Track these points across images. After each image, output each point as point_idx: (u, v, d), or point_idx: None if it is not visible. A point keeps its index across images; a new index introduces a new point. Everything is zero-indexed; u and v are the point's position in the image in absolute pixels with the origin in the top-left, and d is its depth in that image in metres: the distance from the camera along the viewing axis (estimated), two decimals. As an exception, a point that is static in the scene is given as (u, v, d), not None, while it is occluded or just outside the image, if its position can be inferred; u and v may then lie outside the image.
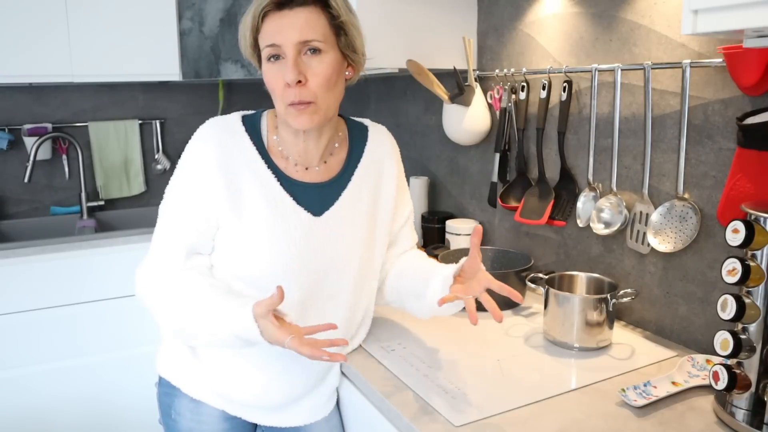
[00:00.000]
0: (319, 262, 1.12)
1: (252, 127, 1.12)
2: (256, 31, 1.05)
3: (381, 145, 1.23)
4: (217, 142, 1.07)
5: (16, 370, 2.06)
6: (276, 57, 1.03)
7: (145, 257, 1.14)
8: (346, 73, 1.11)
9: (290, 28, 1.01)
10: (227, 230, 1.09)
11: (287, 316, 0.99)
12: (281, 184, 1.10)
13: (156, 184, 2.81)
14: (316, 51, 1.03)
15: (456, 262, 1.13)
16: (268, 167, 1.10)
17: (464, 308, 1.07)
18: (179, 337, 1.11)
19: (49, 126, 2.53)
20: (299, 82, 1.02)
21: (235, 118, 1.12)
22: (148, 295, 1.10)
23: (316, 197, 1.13)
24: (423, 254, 1.33)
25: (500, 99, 1.72)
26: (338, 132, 1.19)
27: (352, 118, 1.25)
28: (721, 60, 1.15)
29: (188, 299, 1.05)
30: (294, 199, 1.11)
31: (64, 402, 2.13)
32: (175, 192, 1.11)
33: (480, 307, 1.11)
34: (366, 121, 1.25)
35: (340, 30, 1.06)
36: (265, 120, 1.14)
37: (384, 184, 1.22)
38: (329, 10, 1.04)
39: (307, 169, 1.14)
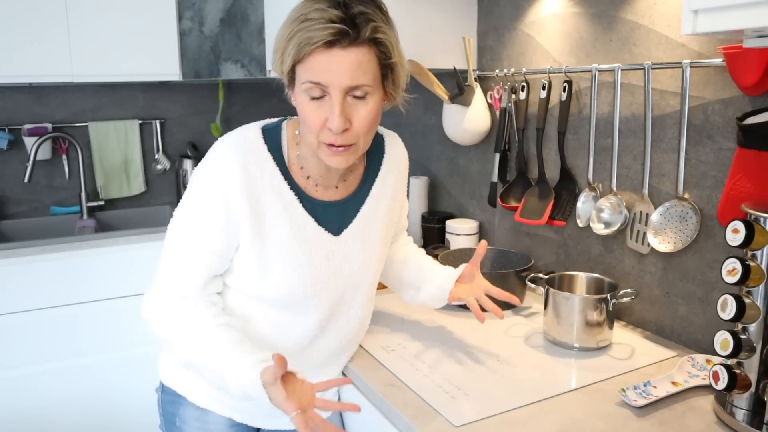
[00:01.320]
0: (339, 282, 1.11)
1: (273, 143, 1.05)
2: (297, 61, 0.95)
3: (397, 156, 1.21)
4: (241, 165, 1.00)
5: (16, 370, 2.06)
6: (318, 95, 0.95)
7: (154, 282, 1.08)
8: (384, 103, 1.05)
9: (339, 70, 0.92)
10: (247, 252, 1.04)
11: (298, 373, 0.96)
12: (303, 206, 1.06)
13: (156, 184, 2.81)
14: (362, 94, 0.96)
15: (456, 262, 1.15)
16: (291, 188, 1.05)
17: (461, 306, 1.09)
18: (184, 365, 1.08)
19: (49, 126, 2.53)
20: (345, 129, 0.96)
21: (256, 135, 1.04)
22: (157, 323, 1.05)
23: (334, 216, 1.10)
24: (422, 250, 1.39)
25: (500, 99, 1.72)
26: None
27: None
28: (721, 60, 1.15)
29: (200, 341, 1.01)
30: (315, 219, 1.07)
31: (64, 402, 2.13)
32: (191, 214, 1.04)
33: (483, 308, 1.15)
34: (382, 130, 1.21)
35: (388, 70, 0.99)
36: (286, 133, 1.08)
37: (396, 194, 1.21)
38: (381, 49, 0.95)
39: (327, 189, 1.10)
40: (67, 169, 2.62)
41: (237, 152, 1.01)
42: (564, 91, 1.51)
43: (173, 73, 2.45)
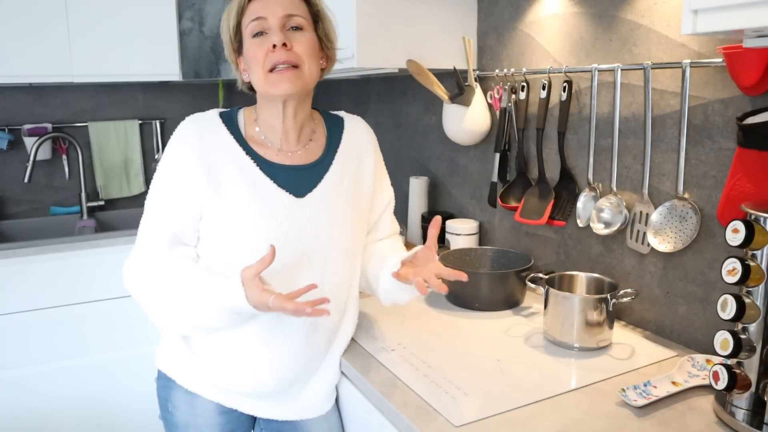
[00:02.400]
0: (304, 244, 1.14)
1: (229, 120, 1.17)
2: (240, 14, 1.11)
3: (357, 132, 1.27)
4: (195, 133, 1.12)
5: (16, 370, 2.06)
6: (260, 33, 1.09)
7: (132, 253, 1.16)
8: (321, 61, 1.17)
9: (276, 4, 1.09)
10: (211, 217, 1.11)
11: (270, 285, 1.03)
12: (261, 168, 1.13)
13: (156, 184, 2.81)
14: (298, 28, 1.10)
15: (456, 262, 1.14)
16: (247, 153, 1.13)
17: (461, 306, 1.08)
18: (168, 325, 1.13)
19: (49, 126, 2.53)
20: (285, 45, 1.08)
21: (211, 113, 1.17)
22: (135, 285, 1.13)
23: (298, 180, 1.16)
24: (394, 242, 1.35)
25: (500, 99, 1.72)
26: (313, 119, 1.23)
27: (328, 111, 1.30)
28: (721, 60, 1.15)
29: (174, 282, 1.09)
30: (274, 181, 1.13)
31: (64, 402, 2.13)
32: (157, 186, 1.14)
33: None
34: (341, 113, 1.30)
35: (318, 18, 1.15)
36: (242, 115, 1.19)
37: (364, 170, 1.26)
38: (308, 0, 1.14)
39: (288, 153, 1.17)
40: (67, 169, 2.62)
41: (191, 123, 1.14)
42: (564, 91, 1.51)
43: (173, 73, 2.45)
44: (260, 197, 1.11)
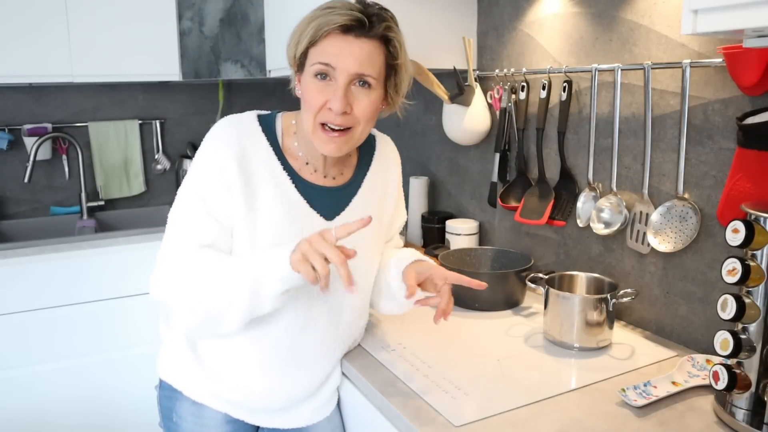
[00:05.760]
0: (330, 267, 1.12)
1: (267, 128, 1.11)
2: (312, 43, 1.03)
3: (388, 155, 1.25)
4: (236, 142, 1.05)
5: (16, 370, 2.06)
6: (324, 76, 1.02)
7: (155, 265, 1.09)
8: (381, 106, 1.11)
9: (351, 57, 1.00)
10: (241, 232, 1.07)
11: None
12: (296, 187, 1.10)
13: (156, 184, 2.81)
14: (366, 84, 1.03)
15: (456, 262, 1.14)
16: (284, 168, 1.09)
17: (461, 306, 1.07)
18: (205, 317, 1.04)
19: (49, 126, 2.53)
20: (345, 112, 1.02)
21: (251, 117, 1.11)
22: (163, 290, 1.06)
23: (328, 201, 1.13)
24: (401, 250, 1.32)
25: (500, 99, 1.72)
26: None
27: None
28: (721, 60, 1.15)
29: (205, 267, 1.03)
30: (308, 202, 1.10)
31: (64, 402, 2.13)
32: (191, 191, 1.07)
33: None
34: (373, 131, 1.26)
35: (393, 71, 1.07)
36: (280, 122, 1.13)
37: (388, 193, 1.25)
38: (389, 49, 1.05)
39: (323, 175, 1.14)
40: (67, 169, 2.62)
41: (232, 128, 1.07)
42: (564, 91, 1.51)
43: (173, 73, 2.45)
44: (294, 218, 1.08)
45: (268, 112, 1.16)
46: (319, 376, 1.19)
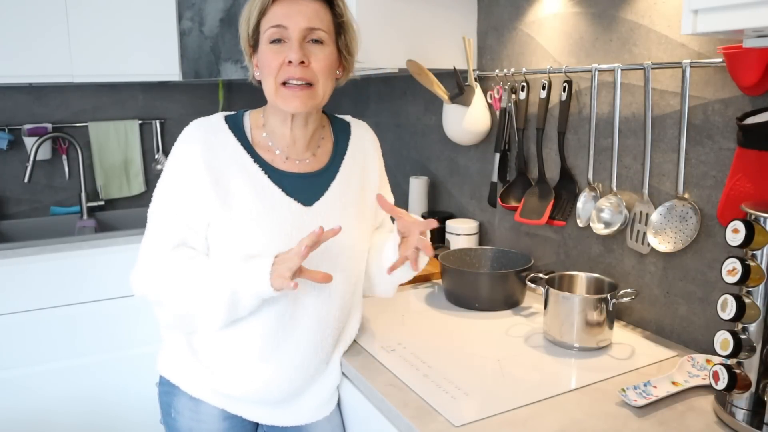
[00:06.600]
0: (312, 253, 1.12)
1: (235, 125, 1.15)
2: (262, 14, 1.08)
3: (363, 138, 1.27)
4: (203, 141, 1.10)
5: (16, 370, 2.06)
6: (278, 41, 1.07)
7: (136, 261, 1.16)
8: (337, 72, 1.16)
9: (299, 14, 1.06)
10: (218, 226, 1.10)
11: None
12: (269, 176, 1.12)
13: (156, 184, 2.81)
14: (318, 41, 1.08)
15: (456, 262, 1.14)
16: (255, 161, 1.12)
17: (461, 306, 1.07)
18: (180, 319, 1.11)
19: (49, 126, 2.53)
20: (302, 62, 1.05)
21: (217, 117, 1.16)
22: (145, 287, 1.13)
23: (305, 188, 1.15)
24: (382, 232, 1.32)
25: (500, 99, 1.72)
26: (323, 125, 1.23)
27: (335, 115, 1.29)
28: (721, 60, 1.15)
29: (186, 266, 1.09)
30: (282, 189, 1.12)
31: (64, 402, 2.13)
32: (162, 193, 1.13)
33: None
34: (347, 118, 1.30)
35: (341, 29, 1.12)
36: (248, 119, 1.17)
37: (368, 176, 1.26)
38: (334, 9, 1.11)
39: (296, 161, 1.16)
40: (67, 169, 2.62)
41: (199, 129, 1.12)
42: (564, 91, 1.51)
43: (173, 73, 2.45)
44: (269, 206, 1.10)
45: (235, 112, 1.20)
46: (314, 363, 1.18)
